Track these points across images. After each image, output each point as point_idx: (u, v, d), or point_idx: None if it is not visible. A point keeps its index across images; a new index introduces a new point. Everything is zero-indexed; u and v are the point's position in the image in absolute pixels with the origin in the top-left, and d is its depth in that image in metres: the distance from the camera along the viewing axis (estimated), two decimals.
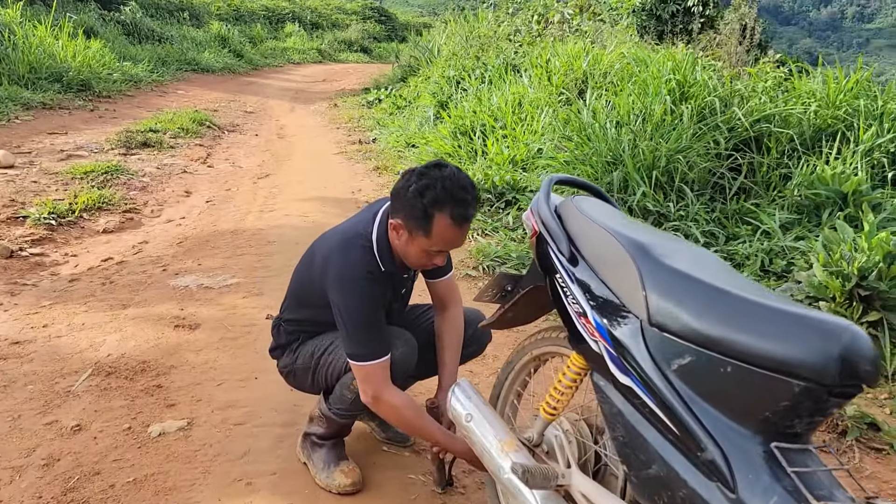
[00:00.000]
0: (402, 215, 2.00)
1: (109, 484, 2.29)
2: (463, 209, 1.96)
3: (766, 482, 1.27)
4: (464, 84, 8.99)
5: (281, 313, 2.44)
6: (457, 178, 1.97)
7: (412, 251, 2.06)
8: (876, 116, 5.27)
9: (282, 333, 2.42)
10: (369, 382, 2.07)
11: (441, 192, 1.93)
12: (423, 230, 1.98)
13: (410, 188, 1.96)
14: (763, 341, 1.28)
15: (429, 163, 2.03)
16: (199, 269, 4.38)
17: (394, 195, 2.04)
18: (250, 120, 11.93)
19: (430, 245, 2.01)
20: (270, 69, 21.75)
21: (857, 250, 3.28)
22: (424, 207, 1.94)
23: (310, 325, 2.34)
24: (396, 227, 2.04)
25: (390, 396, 2.08)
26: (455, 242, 2.03)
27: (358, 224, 2.19)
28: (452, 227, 1.97)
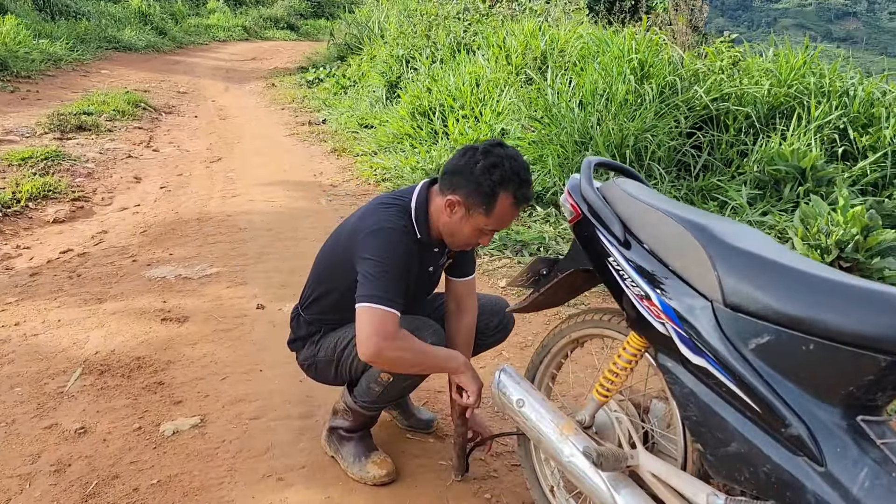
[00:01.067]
0: (465, 191, 1.98)
1: (132, 487, 2.20)
2: (526, 189, 1.98)
3: (855, 454, 1.33)
4: (414, 63, 8.89)
5: (301, 303, 2.38)
6: (520, 159, 1.98)
7: (466, 229, 2.03)
8: (825, 94, 5.52)
9: (301, 325, 2.36)
10: (379, 329, 1.92)
11: (509, 171, 1.93)
12: (484, 207, 1.97)
13: (478, 164, 1.94)
14: (848, 319, 1.34)
15: (489, 141, 2.01)
16: (172, 258, 4.22)
17: (453, 171, 2.01)
18: (185, 101, 11.49)
19: (487, 223, 2.00)
20: (196, 47, 20.92)
21: (832, 224, 3.45)
22: (493, 185, 1.93)
23: (332, 313, 2.26)
24: (453, 204, 2.00)
25: (395, 342, 1.94)
26: (508, 222, 2.04)
27: (395, 194, 2.17)
28: (513, 207, 1.98)
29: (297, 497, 2.18)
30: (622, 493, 1.69)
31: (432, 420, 2.60)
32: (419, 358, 2.03)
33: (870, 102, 5.50)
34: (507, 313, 2.43)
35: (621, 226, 1.77)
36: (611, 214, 1.80)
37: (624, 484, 1.71)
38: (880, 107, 5.45)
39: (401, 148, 6.79)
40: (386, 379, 2.14)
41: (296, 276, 3.98)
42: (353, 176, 6.42)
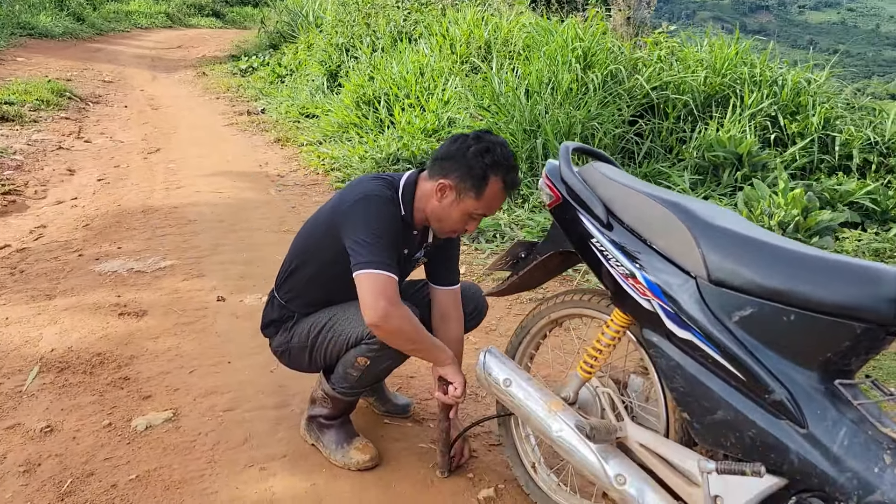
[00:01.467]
0: (456, 175, 2.01)
1: (110, 484, 2.14)
2: (514, 175, 2.04)
3: (834, 416, 1.44)
4: (354, 52, 8.82)
5: (276, 284, 2.35)
6: (508, 147, 2.04)
7: (455, 213, 2.06)
8: (756, 83, 5.79)
9: (275, 307, 2.34)
10: (384, 293, 1.92)
11: (500, 156, 1.99)
12: (475, 191, 2.01)
13: (470, 149, 1.99)
14: (826, 290, 1.45)
15: (478, 130, 2.07)
16: (121, 252, 4.08)
17: (444, 157, 2.05)
18: (112, 90, 11.07)
19: (476, 207, 2.04)
20: (117, 35, 20.07)
21: (774, 206, 3.64)
22: (484, 168, 1.98)
23: (307, 290, 2.24)
24: (444, 188, 2.04)
25: (400, 309, 1.97)
26: (495, 208, 2.09)
27: (381, 173, 2.21)
28: (502, 192, 2.03)
29: (281, 485, 2.18)
30: (611, 463, 1.77)
31: (409, 405, 2.63)
32: (417, 335, 2.04)
33: (797, 91, 5.80)
34: (481, 299, 2.48)
35: (603, 208, 1.84)
36: (593, 197, 1.86)
37: (613, 454, 1.79)
38: (807, 95, 5.76)
39: (347, 137, 6.74)
40: (363, 363, 2.15)
41: (254, 268, 3.92)
42: (300, 166, 6.34)
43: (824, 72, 6.05)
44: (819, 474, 1.41)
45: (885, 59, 63.14)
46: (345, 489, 2.17)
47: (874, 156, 5.48)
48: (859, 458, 1.38)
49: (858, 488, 1.35)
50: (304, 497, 2.13)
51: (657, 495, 1.68)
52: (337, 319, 2.19)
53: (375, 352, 2.10)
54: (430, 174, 2.09)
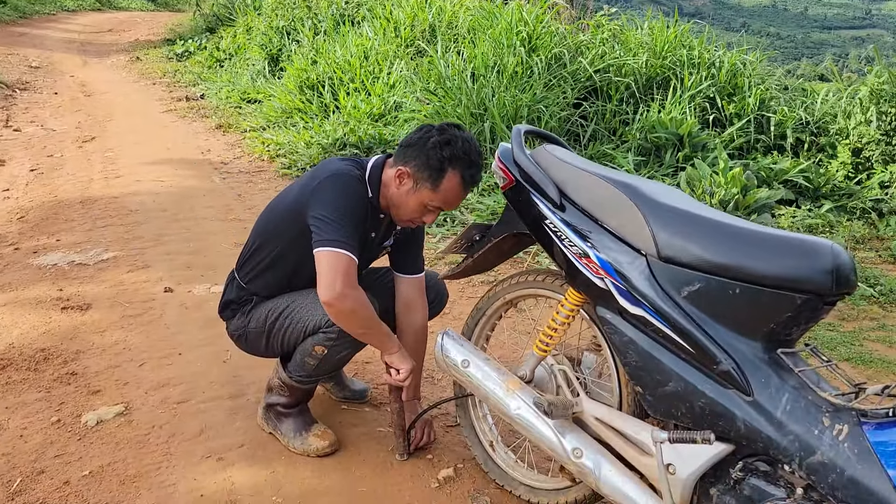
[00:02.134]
0: (415, 164, 2.02)
1: (62, 481, 2.09)
2: (475, 171, 2.05)
3: (777, 383, 1.52)
4: (296, 35, 8.67)
5: (237, 265, 2.32)
6: (473, 143, 2.05)
7: (411, 202, 2.07)
8: (695, 65, 5.94)
9: (234, 288, 2.31)
10: (340, 273, 1.93)
11: (460, 151, 1.99)
12: (431, 182, 2.01)
13: (431, 139, 2.00)
14: (767, 264, 1.52)
15: (445, 122, 2.08)
16: (61, 245, 3.95)
17: (407, 144, 2.05)
18: (40, 76, 10.63)
19: (432, 199, 2.04)
20: (42, 18, 19.20)
21: (715, 185, 3.77)
22: (441, 161, 1.98)
23: (268, 270, 2.22)
24: (402, 175, 2.05)
25: (356, 292, 1.98)
26: (453, 203, 2.10)
27: (349, 157, 2.21)
28: (459, 187, 2.04)
29: (240, 475, 2.17)
30: (568, 438, 1.82)
31: (366, 390, 2.64)
32: (369, 322, 2.04)
33: (734, 73, 5.98)
34: (441, 287, 2.49)
35: (556, 189, 1.88)
36: (545, 179, 1.90)
37: (570, 429, 1.84)
38: (743, 77, 5.95)
39: (291, 123, 6.64)
40: (320, 352, 2.15)
41: (200, 257, 3.85)
42: (244, 152, 6.22)
43: (757, 54, 6.25)
44: (764, 439, 1.49)
45: (814, 41, 65.41)
46: (305, 475, 2.18)
47: (806, 135, 5.72)
48: (800, 421, 1.46)
49: (800, 450, 1.44)
50: (264, 485, 2.12)
51: (612, 466, 1.74)
52: (295, 306, 2.18)
53: (333, 341, 2.10)
54: (394, 160, 2.11)
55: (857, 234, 4.44)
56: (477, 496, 2.13)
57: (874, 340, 3.18)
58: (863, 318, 3.41)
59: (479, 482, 2.19)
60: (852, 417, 1.41)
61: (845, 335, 3.21)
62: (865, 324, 3.34)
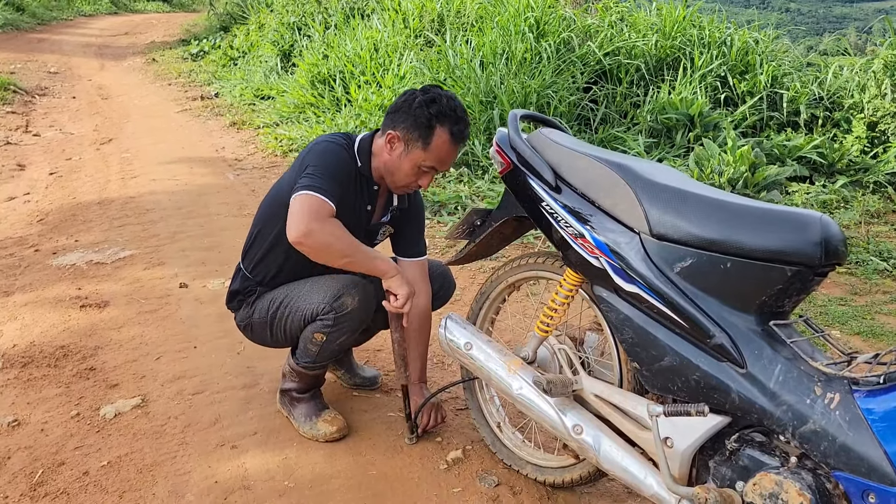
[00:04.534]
0: (404, 126, 2.07)
1: (82, 472, 2.16)
2: (462, 127, 2.09)
3: (770, 354, 1.53)
4: (307, 31, 8.72)
5: (242, 254, 2.38)
6: (457, 100, 2.11)
7: (405, 165, 2.11)
8: (706, 45, 5.89)
9: (238, 279, 2.37)
10: (307, 211, 1.95)
11: (446, 108, 2.05)
12: (422, 141, 2.06)
13: (416, 100, 2.05)
14: (757, 237, 1.53)
15: (427, 84, 2.15)
16: (79, 245, 4.04)
17: (394, 110, 2.11)
18: (59, 81, 10.80)
19: (425, 159, 2.08)
20: (60, 23, 19.47)
21: (723, 164, 3.75)
22: (429, 118, 2.03)
23: (272, 255, 2.27)
24: (392, 139, 2.09)
25: (325, 224, 1.98)
26: (446, 161, 2.13)
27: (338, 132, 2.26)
28: (449, 143, 2.08)
29: (254, 461, 2.22)
30: (569, 415, 1.85)
31: (377, 376, 2.68)
32: (349, 249, 2.02)
33: (745, 51, 5.92)
34: (448, 278, 2.52)
35: (552, 172, 1.89)
36: (541, 162, 1.92)
37: (570, 407, 1.87)
38: (754, 54, 5.89)
39: (304, 117, 6.70)
40: (320, 339, 2.19)
41: (215, 253, 3.92)
42: (258, 149, 6.29)
43: (769, 31, 6.18)
44: (758, 410, 1.51)
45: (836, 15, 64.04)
46: (316, 460, 2.23)
47: (820, 111, 5.65)
48: (793, 391, 1.47)
49: (793, 419, 1.45)
50: (277, 470, 2.18)
51: (612, 441, 1.77)
52: (294, 296, 2.23)
53: (330, 328, 2.14)
54: (382, 129, 2.16)
55: (872, 209, 4.38)
56: (485, 476, 2.17)
57: (886, 314, 3.15)
58: (875, 291, 3.38)
59: (487, 463, 2.23)
60: (844, 386, 1.42)
61: (857, 309, 3.19)
62: (878, 297, 3.32)
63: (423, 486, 2.12)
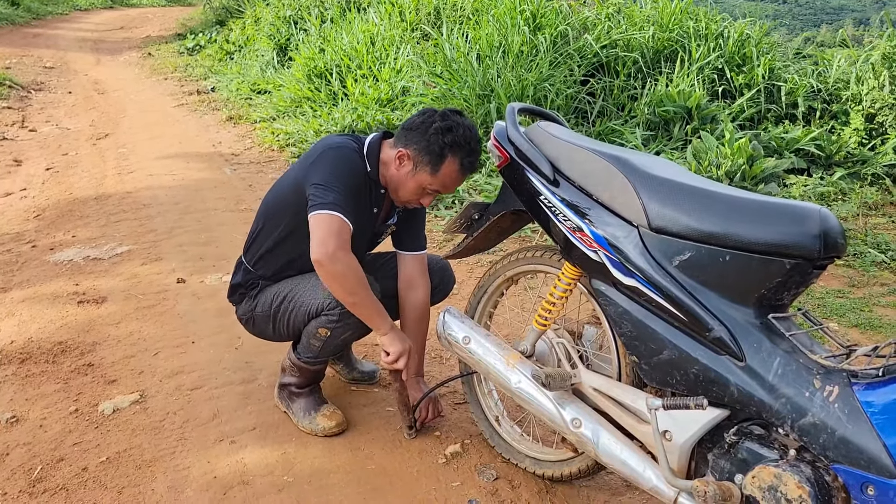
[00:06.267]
0: (416, 148, 2.07)
1: (81, 467, 2.16)
2: (473, 159, 2.11)
3: (769, 347, 1.53)
4: (303, 24, 8.69)
5: (244, 248, 2.38)
6: (474, 131, 2.11)
7: (410, 184, 2.12)
8: (703, 37, 5.87)
9: (241, 272, 2.37)
10: (334, 235, 1.96)
11: (461, 138, 2.05)
12: (431, 166, 2.06)
13: (434, 125, 2.05)
14: (756, 230, 1.53)
15: (448, 109, 2.12)
16: (76, 241, 4.03)
17: (409, 128, 2.10)
18: (54, 76, 10.76)
19: (431, 183, 2.09)
20: (56, 18, 19.37)
21: (721, 156, 3.74)
22: (442, 147, 2.04)
23: (275, 250, 2.26)
24: (402, 157, 2.10)
25: (348, 256, 2.00)
26: (451, 187, 2.15)
27: (345, 134, 2.25)
28: (457, 173, 2.09)
29: (253, 456, 2.22)
30: (568, 409, 1.85)
31: (375, 371, 2.69)
32: (358, 288, 2.04)
33: (742, 43, 5.91)
34: (448, 273, 2.51)
35: (550, 165, 1.89)
36: (539, 155, 1.91)
37: (569, 400, 1.87)
38: (751, 46, 5.87)
39: (300, 112, 6.68)
40: (324, 334, 2.19)
41: (212, 248, 3.91)
42: (255, 143, 6.28)
43: (765, 23, 6.16)
44: (757, 402, 1.50)
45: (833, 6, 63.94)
46: (315, 454, 2.23)
47: (818, 103, 5.64)
48: (792, 384, 1.47)
49: (792, 412, 1.45)
50: (276, 465, 2.18)
51: (611, 435, 1.77)
52: (298, 290, 2.23)
53: (335, 323, 2.14)
54: (395, 142, 2.15)
55: (870, 201, 4.38)
56: (483, 470, 2.17)
57: (884, 306, 3.16)
58: (873, 283, 3.38)
59: (485, 456, 2.23)
60: (843, 378, 1.42)
61: (855, 301, 3.19)
62: (876, 290, 3.32)
63: (422, 480, 2.12)
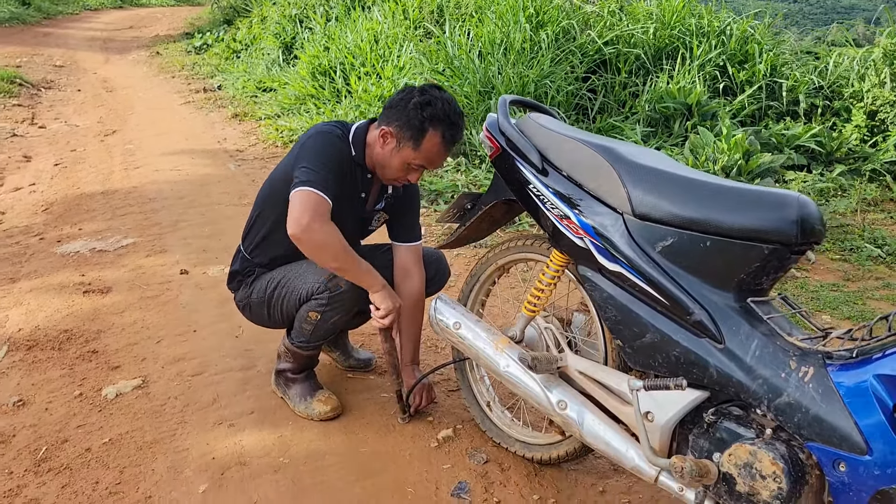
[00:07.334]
0: (397, 124, 2.11)
1: (84, 448, 2.23)
2: (454, 131, 2.13)
3: (747, 330, 1.57)
4: (308, 23, 8.76)
5: (242, 236, 2.44)
6: (454, 104, 2.14)
7: (395, 161, 2.16)
8: (705, 34, 5.90)
9: (238, 260, 2.44)
10: (309, 209, 2.01)
11: (440, 111, 2.08)
12: (413, 141, 2.10)
13: (412, 101, 2.09)
14: (735, 216, 1.57)
15: (427, 84, 2.16)
16: (82, 233, 4.11)
17: (390, 106, 2.15)
18: (64, 74, 10.85)
19: (414, 158, 2.13)
20: (66, 17, 19.51)
21: (718, 151, 3.78)
22: (422, 121, 2.08)
23: (272, 236, 2.32)
24: (385, 135, 2.14)
25: (327, 225, 2.05)
26: (436, 161, 2.18)
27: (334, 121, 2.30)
28: (440, 146, 2.12)
29: (250, 439, 2.28)
30: (554, 391, 1.90)
31: (371, 359, 2.74)
32: (343, 254, 2.09)
33: (744, 40, 5.93)
34: (443, 264, 2.56)
35: (539, 155, 1.94)
36: (529, 146, 1.96)
37: (555, 384, 1.91)
38: (753, 43, 5.89)
39: (305, 109, 6.74)
40: (314, 318, 2.25)
41: (215, 241, 3.98)
42: (259, 140, 6.35)
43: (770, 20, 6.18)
44: (735, 384, 1.55)
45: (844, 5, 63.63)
46: (311, 438, 2.28)
47: (819, 100, 5.66)
48: (769, 365, 1.51)
49: (769, 392, 1.49)
50: (273, 447, 2.23)
51: (595, 416, 1.82)
52: (290, 276, 2.29)
53: (324, 307, 2.20)
54: (378, 121, 2.20)
55: (869, 197, 4.41)
56: (474, 453, 2.22)
57: (878, 299, 3.19)
58: (868, 277, 3.41)
59: (476, 441, 2.28)
60: (818, 360, 1.46)
61: (849, 294, 3.22)
62: (870, 283, 3.35)
63: (414, 463, 2.17)
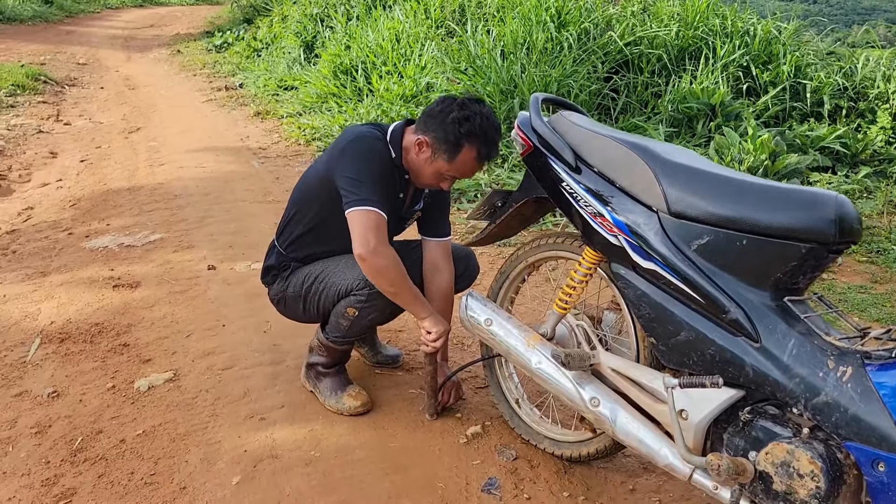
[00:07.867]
0: (434, 136, 2.13)
1: (119, 439, 2.26)
2: (489, 149, 2.16)
3: (784, 329, 1.57)
4: (329, 22, 8.81)
5: (277, 232, 2.47)
6: (492, 119, 2.15)
7: (428, 170, 2.19)
8: (728, 34, 5.87)
9: (274, 255, 2.46)
10: (374, 230, 2.07)
11: (478, 128, 2.10)
12: (447, 154, 2.12)
13: (451, 114, 2.10)
14: (772, 215, 1.57)
15: (468, 97, 2.18)
16: (110, 229, 4.16)
17: (429, 115, 2.17)
18: (87, 72, 10.98)
19: (448, 170, 2.16)
20: (88, 16, 19.74)
21: (744, 152, 3.76)
22: (458, 136, 2.10)
23: (307, 236, 2.35)
24: (422, 143, 2.17)
25: (388, 249, 2.11)
26: (468, 174, 2.22)
27: (368, 123, 2.33)
28: (474, 161, 2.15)
29: (282, 432, 2.31)
30: (586, 388, 1.91)
31: (399, 355, 2.76)
32: (399, 280, 2.15)
33: (768, 41, 5.90)
34: (473, 261, 2.57)
35: (572, 153, 1.95)
36: (562, 143, 1.97)
37: (588, 380, 1.92)
38: (777, 44, 5.86)
39: (326, 107, 6.78)
40: (352, 314, 2.28)
41: (241, 237, 4.02)
42: (282, 138, 6.40)
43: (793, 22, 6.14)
44: (772, 382, 1.55)
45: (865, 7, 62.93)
46: (341, 432, 2.31)
47: (844, 101, 5.61)
48: (806, 365, 1.51)
49: (805, 392, 1.49)
50: (303, 441, 2.26)
51: (628, 414, 1.82)
52: (329, 271, 2.31)
53: (363, 303, 2.22)
54: (416, 128, 2.22)
55: (895, 199, 4.37)
56: (503, 450, 2.23)
57: None
58: (895, 280, 3.39)
59: (505, 437, 2.29)
60: (856, 359, 1.46)
61: (877, 297, 3.20)
62: None
63: (443, 458, 2.19)
